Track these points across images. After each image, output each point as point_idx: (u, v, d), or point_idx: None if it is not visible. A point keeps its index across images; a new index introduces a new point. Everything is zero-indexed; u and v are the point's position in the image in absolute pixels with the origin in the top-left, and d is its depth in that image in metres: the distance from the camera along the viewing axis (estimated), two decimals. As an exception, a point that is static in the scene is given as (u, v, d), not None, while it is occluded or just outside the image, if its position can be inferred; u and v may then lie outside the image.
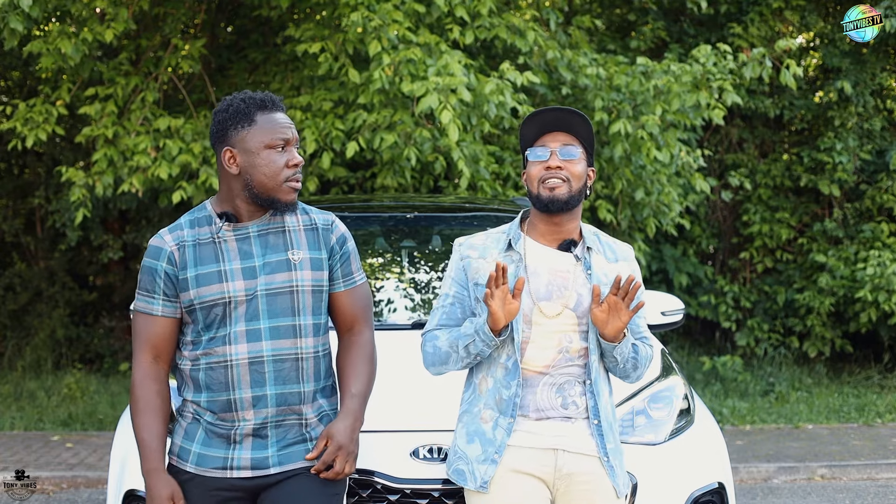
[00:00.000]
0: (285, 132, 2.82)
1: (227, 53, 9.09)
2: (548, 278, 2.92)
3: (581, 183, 2.93)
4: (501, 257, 2.96)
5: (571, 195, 2.90)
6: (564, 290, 2.91)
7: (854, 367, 10.12)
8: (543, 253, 2.96)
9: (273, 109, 2.84)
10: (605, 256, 2.98)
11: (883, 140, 10.11)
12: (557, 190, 2.89)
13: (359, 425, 2.88)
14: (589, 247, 2.97)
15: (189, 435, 2.86)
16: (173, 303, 2.84)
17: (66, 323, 10.15)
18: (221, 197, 2.89)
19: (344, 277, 2.95)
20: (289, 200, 2.83)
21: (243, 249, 2.85)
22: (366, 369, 2.94)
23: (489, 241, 3.02)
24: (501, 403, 2.91)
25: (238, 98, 2.85)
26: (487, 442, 2.92)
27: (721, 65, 7.65)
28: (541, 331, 2.90)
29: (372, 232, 4.87)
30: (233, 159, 2.82)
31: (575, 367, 2.91)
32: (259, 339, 2.81)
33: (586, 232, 3.01)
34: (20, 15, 6.41)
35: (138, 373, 2.84)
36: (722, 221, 10.55)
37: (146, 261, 2.87)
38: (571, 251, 2.95)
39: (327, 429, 2.85)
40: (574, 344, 2.91)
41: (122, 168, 7.13)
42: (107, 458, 4.84)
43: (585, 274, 2.93)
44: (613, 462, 2.92)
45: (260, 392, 2.80)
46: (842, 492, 6.56)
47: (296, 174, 2.83)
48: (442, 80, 6.46)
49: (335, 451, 2.82)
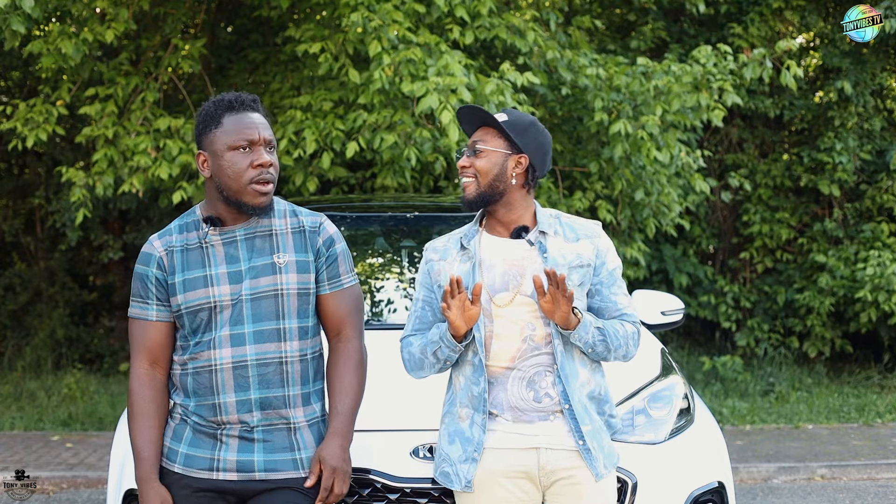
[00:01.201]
0: (250, 133, 2.78)
1: (227, 53, 9.09)
2: (503, 268, 2.93)
3: (491, 176, 2.90)
4: (458, 256, 2.98)
5: (480, 192, 2.92)
6: (520, 278, 2.91)
7: (854, 367, 10.12)
8: (498, 245, 2.97)
9: (241, 110, 2.81)
10: (564, 237, 2.96)
11: (883, 140, 10.11)
12: (466, 189, 2.94)
13: (348, 443, 2.88)
14: (542, 230, 2.94)
15: (177, 435, 2.86)
16: (167, 307, 2.86)
17: (66, 323, 10.16)
18: (207, 201, 2.89)
19: (330, 280, 2.92)
20: (256, 203, 2.79)
21: (230, 254, 2.84)
22: (353, 380, 2.91)
23: (450, 243, 3.05)
24: (474, 400, 2.93)
25: (211, 101, 2.84)
26: (466, 441, 2.94)
27: (721, 65, 7.65)
28: (502, 322, 2.90)
29: (372, 232, 4.87)
30: (205, 163, 2.81)
31: (543, 356, 2.90)
32: (243, 344, 2.80)
33: (542, 216, 2.99)
34: (21, 16, 6.41)
35: (135, 380, 2.86)
36: (722, 221, 10.55)
37: (138, 267, 2.88)
38: (523, 237, 2.94)
39: (318, 452, 2.85)
40: (538, 331, 2.90)
41: (122, 168, 7.13)
42: (107, 458, 4.85)
43: (542, 258, 2.91)
44: (591, 444, 2.89)
45: (244, 396, 2.80)
46: (842, 492, 6.57)
47: (262, 175, 2.78)
48: (442, 81, 6.46)
49: (331, 476, 2.83)
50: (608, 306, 2.98)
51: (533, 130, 2.95)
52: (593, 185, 7.96)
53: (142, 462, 2.82)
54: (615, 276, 3.00)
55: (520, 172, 2.93)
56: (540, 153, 2.95)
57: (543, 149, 2.96)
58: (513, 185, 2.92)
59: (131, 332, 2.89)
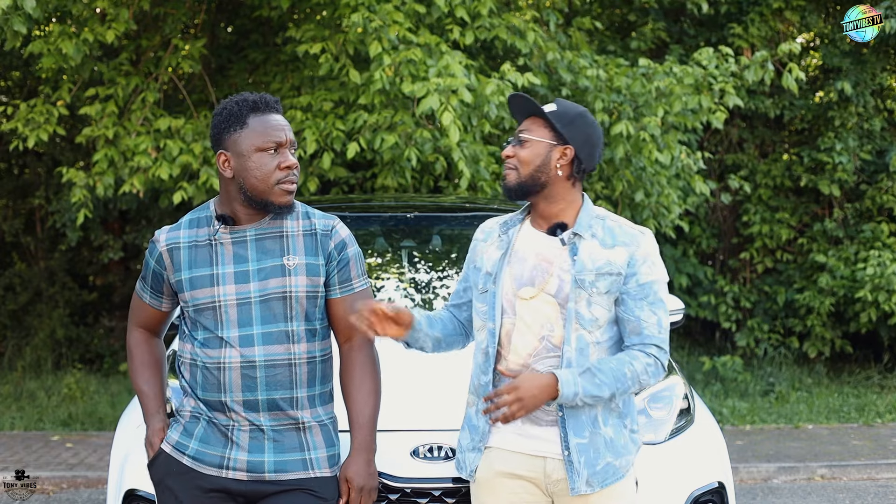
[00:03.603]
0: (278, 135, 2.80)
1: (227, 53, 9.09)
2: (533, 262, 2.87)
3: (533, 167, 2.84)
4: (497, 241, 2.96)
5: (521, 181, 2.86)
6: (547, 276, 2.84)
7: (854, 367, 10.13)
8: (534, 238, 2.91)
9: (266, 111, 2.82)
10: (600, 241, 2.85)
11: (883, 140, 10.12)
12: (507, 178, 2.90)
13: (373, 456, 2.89)
14: (577, 232, 2.85)
15: (188, 431, 2.86)
16: (158, 298, 2.96)
17: (66, 323, 10.16)
18: (221, 199, 2.90)
19: (340, 284, 2.91)
20: (282, 203, 2.81)
21: (238, 253, 2.84)
22: (370, 388, 2.91)
23: (495, 226, 3.01)
24: (479, 389, 2.91)
25: (233, 101, 2.84)
26: (473, 428, 2.93)
27: (723, 67, 7.66)
28: (523, 316, 2.85)
29: (372, 232, 4.88)
30: (227, 162, 2.82)
31: (555, 359, 2.82)
32: (251, 345, 2.80)
33: (584, 215, 2.88)
34: (22, 16, 6.42)
35: (132, 339, 3.02)
36: (722, 222, 10.55)
37: (147, 252, 2.97)
38: (558, 235, 2.87)
39: (344, 471, 2.87)
40: (556, 332, 2.82)
41: (122, 168, 7.13)
42: (107, 458, 4.84)
43: (571, 260, 2.83)
44: (576, 457, 2.79)
45: (251, 396, 2.80)
46: (842, 492, 6.57)
47: (289, 176, 2.80)
48: (443, 81, 6.46)
49: (359, 496, 2.86)
50: (629, 320, 2.84)
51: (581, 122, 2.86)
52: (593, 186, 7.96)
53: (149, 401, 2.96)
54: (646, 291, 2.83)
55: (564, 164, 2.84)
56: (587, 145, 2.85)
57: (591, 141, 2.87)
58: (557, 176, 2.84)
59: (132, 303, 3.04)
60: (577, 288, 2.79)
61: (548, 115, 2.85)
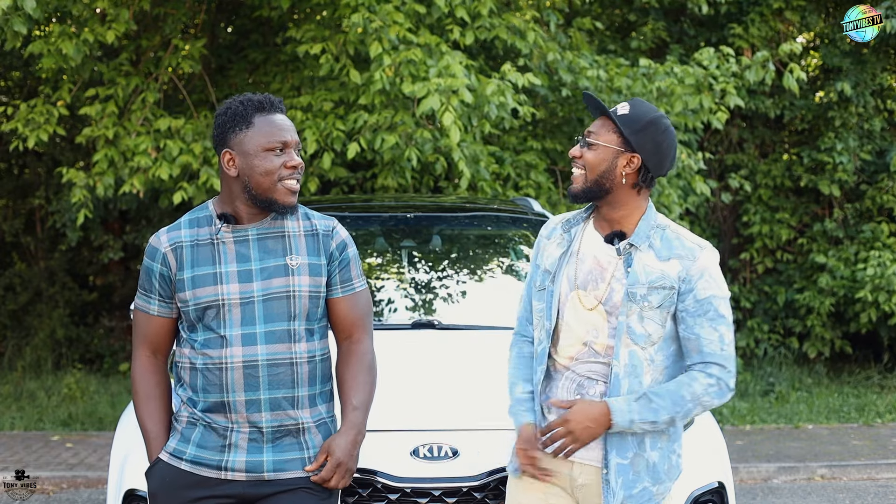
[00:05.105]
0: (283, 134, 2.81)
1: (227, 53, 9.09)
2: (590, 266, 2.82)
3: (598, 172, 2.76)
4: (559, 239, 2.91)
5: (587, 187, 2.79)
6: (600, 282, 2.79)
7: (854, 367, 10.13)
8: (595, 240, 2.85)
9: (271, 111, 2.84)
10: (656, 253, 2.77)
11: (883, 140, 10.12)
12: (574, 182, 2.83)
13: (361, 438, 2.87)
14: (633, 243, 2.78)
15: (185, 437, 2.85)
16: (168, 304, 2.88)
17: (66, 323, 10.16)
18: (223, 198, 2.90)
19: (342, 284, 2.92)
20: (286, 202, 2.82)
21: (241, 252, 2.84)
22: (366, 379, 2.91)
23: (559, 224, 2.96)
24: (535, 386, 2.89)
25: (237, 101, 2.85)
26: None
27: (724, 68, 7.66)
28: (573, 318, 2.81)
29: (372, 232, 4.87)
30: (231, 161, 2.82)
31: (598, 365, 2.78)
32: (254, 343, 2.80)
33: (644, 225, 2.80)
34: (22, 16, 6.42)
35: (137, 367, 2.92)
36: (722, 222, 10.55)
37: (145, 260, 2.91)
38: (614, 244, 2.80)
39: (328, 443, 2.84)
40: (600, 339, 2.77)
41: (122, 169, 7.13)
42: (107, 458, 4.84)
43: (625, 271, 2.77)
44: (613, 478, 2.73)
45: (254, 396, 2.80)
46: (842, 492, 6.57)
47: (293, 175, 2.82)
48: (443, 82, 6.46)
49: (334, 468, 2.82)
50: (689, 338, 2.76)
51: (652, 129, 2.75)
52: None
53: (153, 442, 2.89)
54: (705, 307, 2.76)
55: (630, 172, 2.75)
56: (657, 154, 2.76)
57: (661, 149, 2.77)
58: (622, 184, 2.76)
59: (134, 322, 2.95)
60: (628, 301, 2.74)
61: (617, 119, 2.77)
